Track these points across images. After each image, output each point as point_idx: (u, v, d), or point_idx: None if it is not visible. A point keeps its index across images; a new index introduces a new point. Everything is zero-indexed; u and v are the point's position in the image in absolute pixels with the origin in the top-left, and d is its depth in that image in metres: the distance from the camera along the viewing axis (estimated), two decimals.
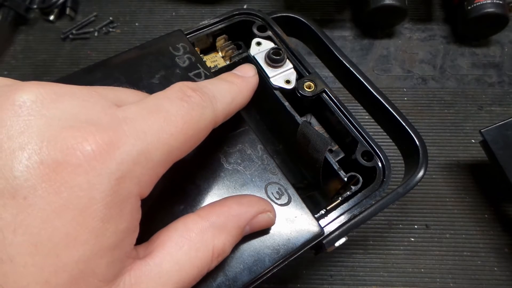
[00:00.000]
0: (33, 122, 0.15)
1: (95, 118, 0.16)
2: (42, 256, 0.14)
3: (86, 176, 0.14)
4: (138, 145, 0.15)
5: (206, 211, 0.19)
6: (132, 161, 0.15)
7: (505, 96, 0.46)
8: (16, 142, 0.14)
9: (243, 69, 0.24)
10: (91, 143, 0.14)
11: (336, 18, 0.52)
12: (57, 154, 0.14)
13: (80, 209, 0.14)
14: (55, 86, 0.16)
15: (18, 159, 0.14)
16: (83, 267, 0.14)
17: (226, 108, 0.21)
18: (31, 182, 0.14)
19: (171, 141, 0.17)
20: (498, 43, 0.49)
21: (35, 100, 0.15)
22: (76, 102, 0.16)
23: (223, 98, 0.20)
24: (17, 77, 0.48)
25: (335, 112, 0.28)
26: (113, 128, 0.15)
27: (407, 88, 0.47)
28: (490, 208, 0.39)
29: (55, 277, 0.14)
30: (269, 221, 0.21)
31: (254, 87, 0.24)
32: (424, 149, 0.28)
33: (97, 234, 0.14)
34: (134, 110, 0.17)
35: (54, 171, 0.14)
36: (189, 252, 0.18)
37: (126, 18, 0.52)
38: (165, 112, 0.17)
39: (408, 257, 0.37)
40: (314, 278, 0.36)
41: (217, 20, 0.31)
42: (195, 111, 0.18)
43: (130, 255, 0.16)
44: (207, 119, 0.19)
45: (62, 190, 0.14)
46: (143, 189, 0.16)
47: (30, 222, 0.14)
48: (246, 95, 0.23)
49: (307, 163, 0.28)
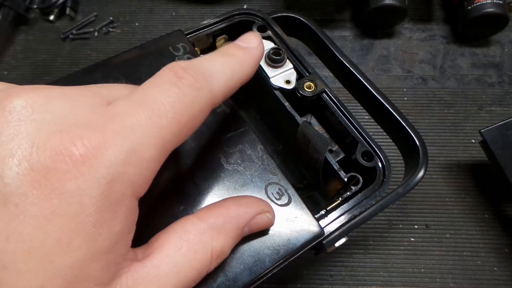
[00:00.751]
0: (23, 127, 0.15)
1: (84, 119, 0.15)
2: (36, 262, 0.14)
3: (75, 182, 0.14)
4: (127, 145, 0.15)
5: (204, 213, 0.19)
6: (122, 162, 0.15)
7: (505, 96, 0.46)
8: (6, 148, 0.14)
9: (246, 39, 0.21)
10: (79, 148, 0.14)
11: (336, 18, 0.52)
12: (47, 160, 0.14)
13: (71, 215, 0.14)
14: (45, 89, 0.16)
15: (8, 166, 0.14)
16: (77, 272, 0.14)
17: (226, 85, 0.19)
18: (22, 189, 0.14)
19: (162, 134, 0.16)
20: (498, 43, 0.49)
21: (25, 106, 0.15)
22: (67, 103, 0.16)
23: (221, 75, 0.18)
24: (17, 77, 0.48)
25: (335, 112, 0.28)
26: (101, 127, 0.15)
27: (407, 88, 0.47)
28: (490, 208, 0.39)
29: (50, 283, 0.14)
30: (268, 222, 0.21)
31: (258, 59, 0.21)
32: (424, 149, 0.28)
33: (90, 239, 0.14)
34: (122, 105, 0.16)
35: (44, 177, 0.14)
36: (188, 254, 0.17)
37: (126, 18, 0.52)
38: (153, 103, 0.16)
39: (408, 257, 0.37)
40: (314, 278, 0.36)
41: (217, 20, 0.31)
42: (188, 95, 0.16)
43: (127, 257, 0.16)
44: (202, 101, 0.17)
45: (52, 197, 0.14)
46: (138, 189, 0.16)
47: (22, 229, 0.14)
48: (249, 68, 0.20)
49: (307, 163, 0.28)
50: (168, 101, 0.16)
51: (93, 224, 0.14)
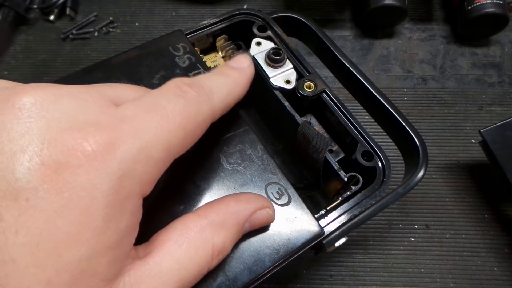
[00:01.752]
0: (33, 124, 0.15)
1: (94, 118, 0.16)
2: (44, 256, 0.14)
3: (87, 176, 0.14)
4: (138, 144, 0.16)
5: (204, 210, 0.19)
6: (133, 160, 0.15)
7: (505, 96, 0.46)
8: (17, 144, 0.14)
9: (237, 60, 0.24)
10: (91, 143, 0.15)
11: (336, 18, 0.52)
12: (58, 155, 0.14)
13: (82, 209, 0.14)
14: (54, 87, 0.16)
15: (19, 161, 0.14)
16: (84, 266, 0.14)
17: (224, 102, 0.21)
18: (32, 183, 0.14)
19: (170, 138, 0.17)
20: (498, 43, 0.49)
21: (34, 103, 0.15)
22: (75, 102, 0.16)
23: (219, 92, 0.20)
24: (17, 77, 0.48)
25: (335, 112, 0.28)
26: (112, 127, 0.15)
27: (407, 88, 0.47)
28: (490, 208, 0.39)
29: (57, 277, 0.14)
30: (268, 217, 0.21)
31: (250, 78, 0.23)
32: (424, 149, 0.28)
33: (99, 233, 0.14)
34: (132, 109, 0.17)
35: (55, 172, 0.14)
36: (189, 250, 0.18)
37: (126, 18, 0.52)
38: (162, 109, 0.17)
39: (408, 257, 0.37)
40: (314, 278, 0.36)
41: (217, 20, 0.31)
42: (192, 106, 0.18)
43: (130, 254, 0.16)
44: (204, 113, 0.19)
45: (63, 191, 0.14)
46: (145, 187, 0.16)
47: (32, 223, 0.14)
48: (242, 87, 0.23)
49: (307, 163, 0.28)
50: (176, 109, 0.17)
51: (102, 218, 0.15)
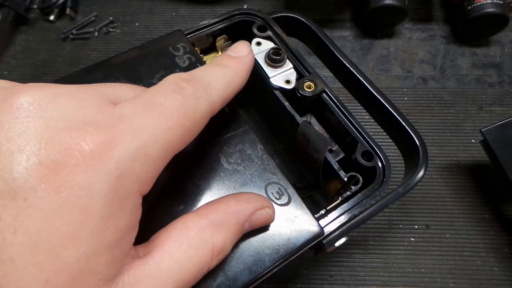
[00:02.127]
0: (31, 124, 0.15)
1: (92, 117, 0.16)
2: (42, 256, 0.14)
3: (85, 175, 0.14)
4: (136, 142, 0.16)
5: (204, 210, 0.19)
6: (131, 159, 0.15)
7: (505, 96, 0.46)
8: (15, 144, 0.14)
9: (236, 48, 0.23)
10: (89, 143, 0.15)
11: (336, 18, 0.52)
12: (56, 154, 0.14)
13: (80, 208, 0.14)
14: (52, 87, 0.16)
15: (17, 161, 0.14)
16: (83, 266, 0.14)
17: (222, 95, 0.20)
18: (30, 183, 0.14)
19: (168, 135, 0.17)
20: (498, 43, 0.49)
21: (32, 102, 0.15)
22: (73, 101, 0.16)
23: (218, 85, 0.20)
24: (17, 77, 0.48)
25: (335, 112, 0.28)
26: (110, 126, 0.15)
27: (407, 88, 0.47)
28: (490, 208, 0.39)
29: (55, 277, 0.14)
30: (268, 217, 0.21)
31: (250, 67, 0.23)
32: (424, 149, 0.28)
33: (97, 233, 0.14)
34: (129, 107, 0.17)
35: (53, 172, 0.14)
36: (189, 250, 0.18)
37: (126, 18, 0.52)
38: (159, 107, 0.17)
39: (408, 257, 0.37)
40: (314, 278, 0.36)
41: (217, 20, 0.31)
42: (190, 102, 0.18)
43: (129, 254, 0.16)
44: (203, 109, 0.19)
45: (61, 190, 0.14)
46: (143, 186, 0.16)
47: (30, 223, 0.14)
48: (242, 77, 0.22)
49: (307, 163, 0.28)
50: (173, 106, 0.17)
51: (101, 218, 0.14)
